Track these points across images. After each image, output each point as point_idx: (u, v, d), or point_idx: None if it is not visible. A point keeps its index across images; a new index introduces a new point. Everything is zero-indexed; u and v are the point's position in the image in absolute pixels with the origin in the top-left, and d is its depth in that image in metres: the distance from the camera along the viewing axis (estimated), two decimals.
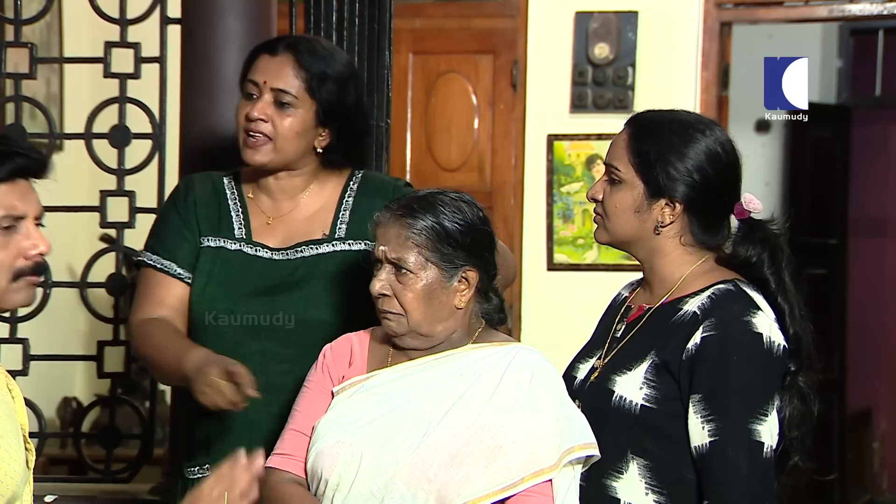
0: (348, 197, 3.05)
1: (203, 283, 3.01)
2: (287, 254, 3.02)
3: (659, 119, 2.71)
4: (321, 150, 3.04)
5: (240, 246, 3.04)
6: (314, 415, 2.68)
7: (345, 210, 3.04)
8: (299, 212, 3.06)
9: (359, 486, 2.58)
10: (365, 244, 2.95)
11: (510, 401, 2.59)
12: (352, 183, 3.07)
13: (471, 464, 2.54)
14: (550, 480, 2.56)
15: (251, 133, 3.00)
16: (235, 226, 3.07)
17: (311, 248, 3.02)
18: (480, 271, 2.68)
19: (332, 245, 3.01)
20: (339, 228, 3.02)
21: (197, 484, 2.55)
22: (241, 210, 3.09)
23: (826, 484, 7.42)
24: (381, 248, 2.65)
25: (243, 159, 3.03)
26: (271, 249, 3.03)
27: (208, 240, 3.05)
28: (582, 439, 2.60)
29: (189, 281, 3.03)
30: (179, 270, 3.04)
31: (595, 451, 2.61)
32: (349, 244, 3.01)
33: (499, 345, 2.68)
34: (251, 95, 3.02)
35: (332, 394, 2.69)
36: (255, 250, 3.04)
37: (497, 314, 2.74)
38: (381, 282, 2.65)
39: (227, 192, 3.10)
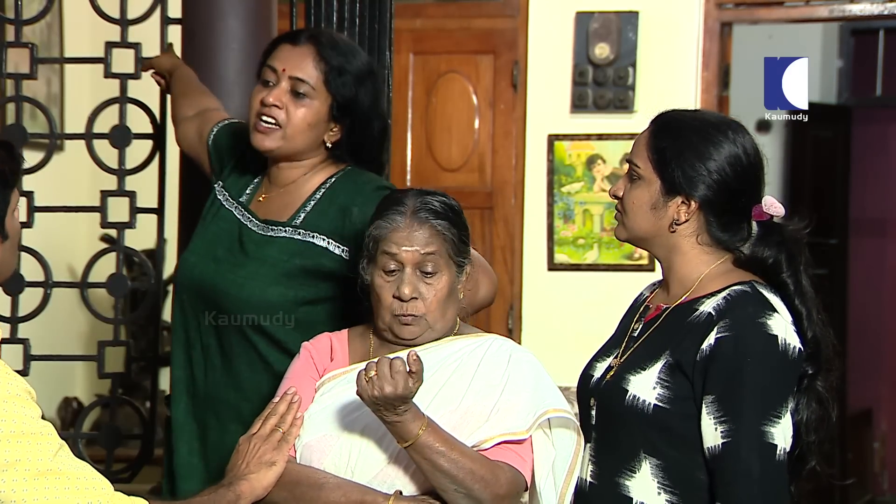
0: (323, 188, 3.06)
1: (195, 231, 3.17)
2: (258, 226, 3.07)
3: (680, 117, 2.71)
4: (330, 145, 3.06)
5: (232, 208, 3.13)
6: (302, 401, 2.72)
7: (312, 200, 3.05)
8: (284, 194, 3.09)
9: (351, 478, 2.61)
10: (316, 237, 2.99)
11: (490, 383, 2.64)
12: (333, 177, 3.08)
13: None
14: (526, 440, 2.61)
15: (263, 118, 3.01)
16: (247, 190, 3.15)
17: (271, 229, 3.05)
18: (471, 263, 2.75)
19: (284, 230, 3.03)
20: (298, 216, 3.04)
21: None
22: (257, 182, 3.15)
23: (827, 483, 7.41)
24: (407, 249, 2.64)
25: (252, 144, 3.04)
26: (255, 219, 3.09)
27: (222, 191, 3.17)
28: (555, 405, 2.64)
29: (210, 140, 3.26)
30: (213, 128, 3.28)
31: (568, 415, 2.64)
32: (300, 233, 3.02)
33: (475, 336, 2.73)
34: (268, 82, 3.04)
35: (315, 388, 2.72)
36: (244, 215, 3.10)
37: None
38: (409, 286, 2.65)
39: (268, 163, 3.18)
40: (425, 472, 2.54)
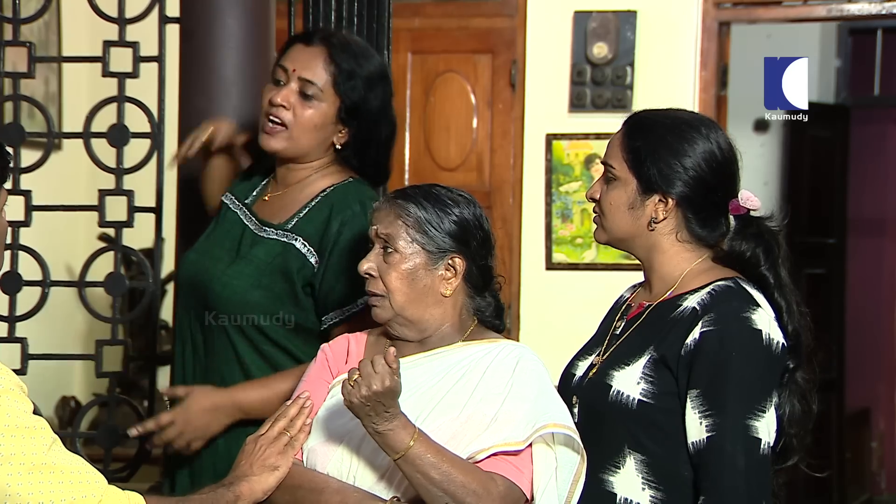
0: (322, 194, 3.07)
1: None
2: (256, 226, 3.10)
3: (653, 116, 2.73)
4: (339, 147, 3.08)
5: (237, 210, 3.15)
6: (314, 406, 2.69)
7: (307, 207, 3.07)
8: (288, 194, 3.11)
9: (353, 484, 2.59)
10: (298, 240, 3.01)
11: (493, 391, 2.59)
12: (335, 186, 3.08)
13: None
14: (523, 452, 2.55)
15: (271, 118, 3.03)
16: (252, 193, 3.18)
17: (265, 230, 3.08)
18: (469, 261, 2.67)
19: (275, 232, 3.06)
20: (291, 220, 3.06)
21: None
22: (264, 183, 3.18)
23: (824, 483, 7.42)
24: (373, 226, 2.67)
25: (260, 144, 3.07)
26: (255, 219, 3.11)
27: (229, 196, 3.20)
28: (556, 419, 2.58)
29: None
30: None
31: (570, 433, 2.58)
32: (287, 237, 3.04)
33: (488, 342, 2.68)
34: (278, 81, 3.06)
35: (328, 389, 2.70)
36: (246, 216, 3.13)
37: (493, 318, 2.74)
38: (368, 262, 2.66)
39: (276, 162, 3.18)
40: (416, 485, 2.50)
